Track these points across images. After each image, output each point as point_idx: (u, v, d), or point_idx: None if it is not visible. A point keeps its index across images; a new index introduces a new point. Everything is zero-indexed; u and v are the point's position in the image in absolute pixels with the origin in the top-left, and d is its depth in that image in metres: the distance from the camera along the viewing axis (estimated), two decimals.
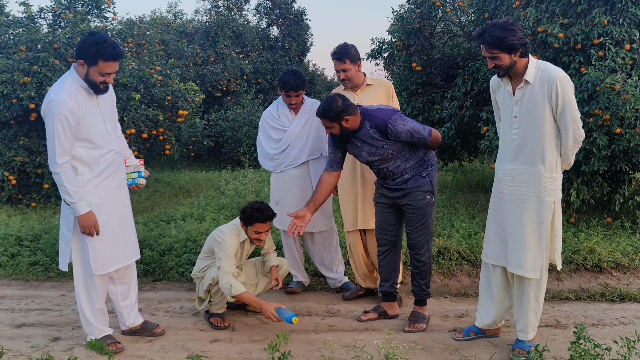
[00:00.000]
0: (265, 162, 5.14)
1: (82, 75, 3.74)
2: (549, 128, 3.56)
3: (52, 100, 3.63)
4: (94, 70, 3.70)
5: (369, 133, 4.17)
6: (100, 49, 3.64)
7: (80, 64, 3.71)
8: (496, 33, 3.47)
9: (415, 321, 4.36)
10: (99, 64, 3.68)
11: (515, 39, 3.46)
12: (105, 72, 3.72)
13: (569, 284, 5.22)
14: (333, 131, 4.21)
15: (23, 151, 8.40)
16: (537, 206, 3.62)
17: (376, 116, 4.16)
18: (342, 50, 4.68)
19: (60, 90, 3.66)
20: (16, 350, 3.96)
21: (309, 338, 4.17)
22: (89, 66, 3.69)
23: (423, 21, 8.82)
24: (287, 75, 4.88)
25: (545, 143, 3.57)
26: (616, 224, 6.58)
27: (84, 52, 3.67)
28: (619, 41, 6.37)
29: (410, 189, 4.25)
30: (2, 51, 8.65)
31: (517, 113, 3.64)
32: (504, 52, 3.51)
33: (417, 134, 4.14)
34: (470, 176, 10.81)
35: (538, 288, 3.71)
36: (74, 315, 4.73)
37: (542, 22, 6.76)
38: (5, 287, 5.51)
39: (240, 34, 16.75)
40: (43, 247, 6.10)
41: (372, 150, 4.20)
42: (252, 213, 4.30)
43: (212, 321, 4.47)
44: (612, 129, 6.02)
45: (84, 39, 3.68)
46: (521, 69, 3.59)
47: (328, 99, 4.18)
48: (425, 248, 4.35)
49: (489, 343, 4.02)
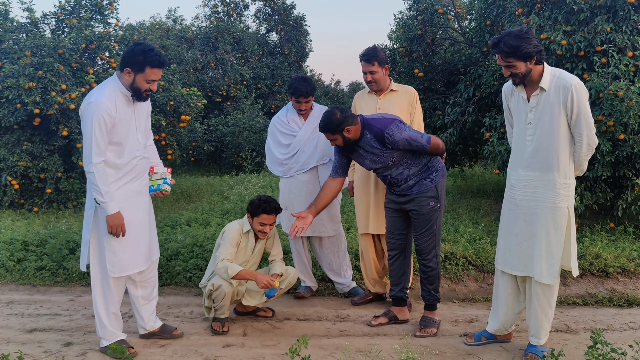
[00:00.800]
0: (274, 167, 5.17)
1: (127, 83, 3.85)
2: (563, 135, 3.59)
3: (92, 102, 3.73)
4: (141, 78, 3.84)
5: (369, 142, 4.23)
6: (148, 57, 3.80)
7: (126, 72, 3.83)
8: (512, 42, 3.51)
9: (425, 326, 4.40)
10: (145, 71, 3.82)
11: (530, 47, 3.50)
12: (151, 79, 3.86)
13: (576, 289, 5.26)
14: (337, 143, 4.29)
15: (26, 156, 8.39)
16: (552, 212, 3.65)
17: (374, 125, 4.22)
18: (372, 52, 4.71)
19: (101, 94, 3.77)
20: (30, 356, 3.96)
21: (321, 343, 4.19)
22: (136, 73, 3.83)
23: (425, 28, 8.88)
24: (297, 82, 4.92)
25: (559, 149, 3.61)
26: (619, 229, 6.63)
27: (132, 60, 3.81)
28: (621, 48, 6.44)
29: (415, 194, 4.30)
30: (7, 56, 8.66)
31: (532, 120, 3.68)
32: (519, 60, 3.55)
33: (415, 142, 4.18)
34: (471, 181, 10.86)
35: (551, 293, 3.75)
36: (84, 320, 4.74)
37: (544, 30, 6.82)
38: (13, 292, 5.51)
39: (240, 40, 16.78)
40: (49, 252, 6.10)
41: (373, 158, 4.26)
42: (259, 204, 4.42)
43: (212, 326, 4.49)
44: (615, 135, 6.08)
45: (131, 48, 3.83)
46: (536, 76, 3.62)
47: (327, 112, 4.26)
48: (433, 253, 4.39)
49: (501, 348, 4.05)
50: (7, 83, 8.04)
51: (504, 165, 7.26)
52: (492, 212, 8.02)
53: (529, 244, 3.74)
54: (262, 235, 4.54)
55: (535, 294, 3.77)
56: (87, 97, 3.81)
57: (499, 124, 7.29)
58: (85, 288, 5.60)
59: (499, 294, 4.03)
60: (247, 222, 4.55)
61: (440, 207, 4.34)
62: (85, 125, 3.75)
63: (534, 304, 3.78)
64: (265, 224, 4.45)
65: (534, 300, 3.78)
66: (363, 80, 4.86)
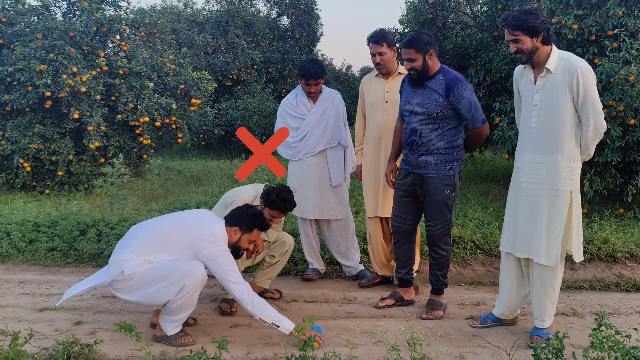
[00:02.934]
0: (283, 150, 5.18)
1: (233, 240, 3.99)
2: (568, 117, 3.59)
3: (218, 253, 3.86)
4: (246, 238, 4.01)
5: (435, 85, 4.15)
6: (259, 220, 4.02)
7: (234, 231, 3.98)
8: (520, 16, 3.56)
9: (432, 308, 4.42)
10: (253, 232, 4.03)
11: (537, 22, 3.53)
12: (254, 240, 4.07)
13: (583, 273, 5.26)
14: (415, 65, 4.13)
15: (38, 138, 8.46)
16: (554, 195, 3.66)
17: (452, 73, 4.17)
18: (380, 34, 4.68)
19: (226, 250, 3.92)
20: (41, 334, 4.03)
21: (328, 324, 4.23)
22: (243, 233, 3.99)
23: (436, 12, 8.84)
24: (307, 64, 4.92)
25: (564, 132, 3.61)
26: (629, 214, 6.61)
27: (243, 221, 3.98)
28: (633, 32, 6.38)
29: (433, 175, 4.22)
30: (19, 39, 8.71)
31: (538, 101, 3.68)
32: (525, 34, 3.57)
33: (475, 110, 4.12)
34: (481, 167, 10.84)
35: (554, 276, 3.76)
36: (94, 300, 4.80)
37: (556, 14, 6.77)
38: (25, 272, 5.58)
39: (250, 24, 16.75)
40: (60, 234, 6.17)
41: (423, 101, 4.16)
42: (275, 200, 4.32)
43: (221, 306, 4.54)
44: (626, 120, 6.04)
45: (244, 209, 4.04)
46: (544, 57, 3.63)
47: (415, 32, 4.22)
48: (444, 241, 4.38)
49: (506, 330, 4.08)
50: (18, 66, 8.10)
51: (513, 150, 7.23)
52: (501, 197, 8.01)
53: (530, 226, 3.76)
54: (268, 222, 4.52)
55: (537, 276, 3.79)
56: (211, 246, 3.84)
57: (509, 109, 7.26)
58: (95, 269, 5.66)
59: (504, 278, 4.05)
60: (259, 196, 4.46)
61: (454, 196, 4.30)
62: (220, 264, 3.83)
63: (537, 287, 3.80)
64: (275, 217, 4.42)
65: (536, 283, 3.81)
66: (372, 62, 4.85)
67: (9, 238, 6.16)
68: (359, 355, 3.62)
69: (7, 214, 6.77)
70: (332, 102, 5.08)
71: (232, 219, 3.98)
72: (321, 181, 5.04)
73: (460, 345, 3.84)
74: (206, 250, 3.78)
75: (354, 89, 17.67)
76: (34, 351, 3.67)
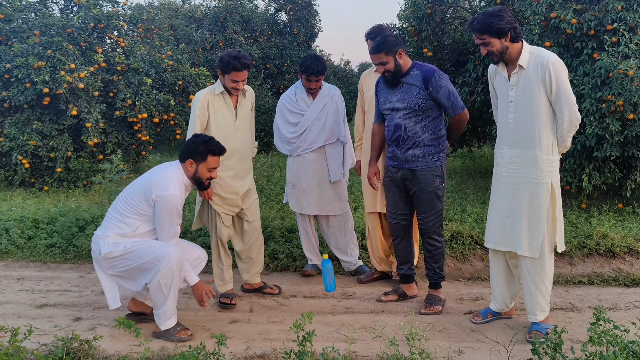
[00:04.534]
0: (282, 145, 5.18)
1: (190, 173, 4.04)
2: (544, 111, 3.67)
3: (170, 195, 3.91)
4: (203, 167, 4.02)
5: (412, 79, 4.27)
6: (210, 146, 4.01)
7: (189, 164, 4.02)
8: (484, 19, 3.66)
9: (431, 303, 4.44)
10: (208, 160, 4.01)
11: (502, 23, 3.62)
12: (212, 167, 4.06)
13: (582, 268, 5.26)
14: (388, 67, 4.27)
15: (36, 135, 8.44)
16: (534, 188, 3.73)
17: (425, 65, 4.33)
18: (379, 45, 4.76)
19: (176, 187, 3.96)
20: (40, 330, 4.03)
21: (327, 320, 4.24)
22: (199, 163, 4.01)
23: (435, 7, 8.82)
24: (309, 60, 4.93)
25: (540, 126, 3.68)
26: (627, 209, 6.61)
27: (194, 151, 4.00)
28: (632, 27, 6.37)
29: (422, 168, 4.31)
30: (17, 35, 8.68)
31: (513, 97, 3.76)
32: (493, 37, 3.66)
33: (454, 97, 4.25)
34: (479, 162, 10.83)
35: (542, 269, 3.80)
36: (93, 296, 4.81)
37: (555, 8, 6.76)
38: (24, 269, 5.59)
39: (248, 20, 16.70)
40: (59, 230, 6.17)
41: (403, 96, 4.28)
42: (229, 61, 4.33)
43: (220, 300, 4.59)
44: (625, 115, 6.03)
45: (192, 139, 4.05)
46: (515, 54, 3.71)
47: (382, 35, 4.37)
48: (438, 232, 4.44)
49: (505, 325, 4.09)
50: (16, 62, 8.09)
51: None
52: None
53: (512, 219, 3.83)
54: (236, 92, 4.51)
55: (526, 269, 3.83)
56: (161, 187, 3.89)
57: None
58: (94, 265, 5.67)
59: (493, 273, 4.13)
60: (218, 85, 4.52)
61: (443, 187, 4.39)
62: (162, 214, 3.89)
63: (526, 280, 3.85)
64: (237, 81, 4.38)
65: (525, 276, 3.85)
66: None
67: (7, 235, 6.16)
68: (357, 351, 3.64)
69: (6, 211, 6.77)
70: (332, 99, 5.08)
71: (183, 154, 4.02)
72: (320, 177, 5.04)
73: (458, 340, 3.85)
74: (154, 195, 3.88)
75: (353, 85, 17.64)
76: (34, 347, 3.68)
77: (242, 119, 4.63)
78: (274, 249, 5.60)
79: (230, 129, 4.53)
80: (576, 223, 6.07)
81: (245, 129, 4.66)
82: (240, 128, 4.61)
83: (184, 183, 4.01)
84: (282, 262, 5.48)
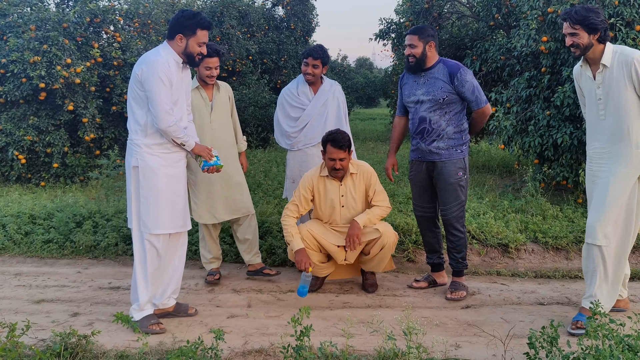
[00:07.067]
0: (282, 139, 5.17)
1: (180, 49, 3.93)
2: (632, 107, 3.77)
3: (152, 61, 3.82)
4: (193, 41, 3.92)
5: (438, 72, 4.48)
6: (199, 19, 3.90)
7: (178, 39, 3.90)
8: (583, 12, 3.77)
9: (456, 289, 4.62)
10: (197, 34, 3.91)
11: (598, 20, 3.74)
12: (202, 42, 3.95)
13: (578, 263, 5.28)
14: (415, 51, 4.44)
15: (32, 130, 8.42)
16: (625, 181, 3.80)
17: (451, 61, 4.57)
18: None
19: (157, 54, 3.87)
20: (38, 325, 4.03)
21: (324, 314, 4.25)
22: (188, 38, 3.91)
23: (432, 1, 8.83)
24: (312, 46, 5.09)
25: (629, 121, 3.77)
26: None
27: (182, 25, 3.89)
28: (629, 22, 6.38)
29: (445, 160, 4.48)
30: (12, 30, 8.65)
31: (601, 95, 3.86)
32: (584, 30, 3.76)
33: (478, 92, 4.46)
34: (477, 157, 10.85)
35: (615, 258, 3.85)
36: (91, 291, 4.82)
37: (552, 3, 6.77)
38: (21, 264, 5.59)
39: (245, 14, 16.67)
40: (56, 226, 6.17)
41: (428, 89, 4.47)
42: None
43: (207, 279, 4.96)
44: None
45: (179, 15, 3.93)
46: (598, 54, 3.82)
47: (424, 25, 4.68)
48: (461, 223, 4.62)
49: (502, 320, 4.10)
50: (12, 57, 8.06)
51: (509, 140, 7.26)
52: (497, 187, 8.03)
53: (594, 207, 3.88)
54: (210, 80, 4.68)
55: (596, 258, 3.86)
56: (144, 60, 3.86)
57: (504, 99, 7.27)
58: (91, 260, 5.67)
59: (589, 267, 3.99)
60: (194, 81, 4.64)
61: (466, 178, 4.58)
62: (149, 84, 3.81)
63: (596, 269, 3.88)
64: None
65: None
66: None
67: (4, 230, 6.16)
68: (355, 345, 3.65)
69: (3, 207, 6.77)
70: (333, 94, 5.09)
71: (171, 30, 3.94)
72: None
73: (455, 335, 3.86)
74: (139, 70, 3.84)
75: (350, 80, 17.63)
76: (31, 342, 3.68)
77: (218, 112, 4.80)
78: (272, 244, 5.60)
79: (206, 120, 4.73)
80: (572, 218, 6.09)
81: (222, 122, 4.83)
82: (216, 120, 4.78)
83: (173, 59, 3.92)
84: (279, 257, 5.48)
